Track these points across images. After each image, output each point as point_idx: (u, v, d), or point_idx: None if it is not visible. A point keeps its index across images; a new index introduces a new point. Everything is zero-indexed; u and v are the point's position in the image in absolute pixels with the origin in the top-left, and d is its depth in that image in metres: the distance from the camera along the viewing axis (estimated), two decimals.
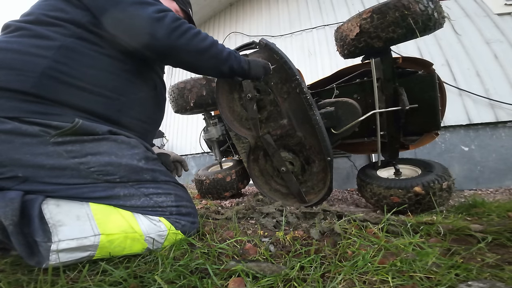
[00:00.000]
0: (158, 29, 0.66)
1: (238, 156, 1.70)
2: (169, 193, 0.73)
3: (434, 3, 0.96)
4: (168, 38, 0.68)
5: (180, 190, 0.78)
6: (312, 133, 1.16)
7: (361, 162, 2.15)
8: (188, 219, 0.74)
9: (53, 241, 0.54)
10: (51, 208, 0.57)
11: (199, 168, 2.10)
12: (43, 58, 0.60)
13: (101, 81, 0.68)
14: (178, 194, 0.75)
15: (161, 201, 0.70)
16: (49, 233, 0.54)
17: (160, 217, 0.69)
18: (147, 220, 0.67)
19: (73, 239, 0.56)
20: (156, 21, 0.66)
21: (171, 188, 0.75)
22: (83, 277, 0.53)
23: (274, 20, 3.26)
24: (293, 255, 0.64)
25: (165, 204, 0.71)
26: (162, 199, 0.71)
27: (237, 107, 1.42)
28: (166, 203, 0.71)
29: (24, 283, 0.53)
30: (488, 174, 1.78)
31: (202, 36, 0.76)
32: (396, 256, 0.57)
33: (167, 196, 0.72)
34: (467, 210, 1.04)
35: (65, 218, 0.57)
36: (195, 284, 0.51)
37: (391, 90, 1.17)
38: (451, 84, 1.93)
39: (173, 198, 0.73)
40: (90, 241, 0.58)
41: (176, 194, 0.74)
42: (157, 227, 0.67)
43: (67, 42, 0.64)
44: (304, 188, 1.27)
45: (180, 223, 0.71)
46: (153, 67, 0.85)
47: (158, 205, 0.69)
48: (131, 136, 0.73)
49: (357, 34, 1.06)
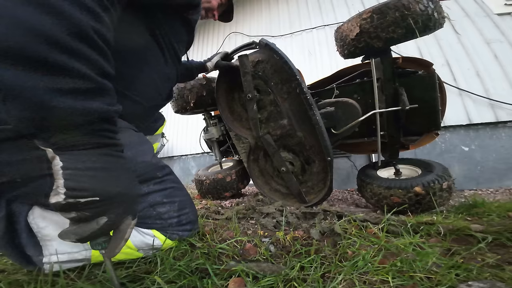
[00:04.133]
0: None
1: (238, 156, 1.70)
2: (173, 202, 0.68)
3: (434, 3, 0.96)
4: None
5: (184, 195, 0.74)
6: (312, 133, 1.16)
7: (361, 162, 2.15)
8: (187, 228, 0.71)
9: (44, 255, 0.53)
10: (37, 221, 0.54)
11: (199, 168, 2.10)
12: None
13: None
14: (182, 201, 0.71)
15: (164, 212, 0.66)
16: (40, 247, 0.53)
17: (155, 230, 0.65)
18: (139, 235, 0.63)
19: (64, 254, 0.54)
20: None
21: (177, 195, 0.70)
22: (84, 277, 0.53)
23: (274, 20, 3.26)
24: (293, 255, 0.64)
25: (166, 216, 0.66)
26: (165, 210, 0.67)
27: (237, 107, 1.42)
28: (169, 214, 0.67)
29: (24, 283, 0.53)
30: (488, 174, 1.78)
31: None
32: (396, 256, 0.57)
33: (171, 205, 0.68)
34: (467, 210, 1.04)
35: (53, 232, 0.54)
36: (195, 284, 0.51)
37: (391, 90, 1.17)
38: (451, 84, 1.93)
39: (176, 207, 0.69)
40: (81, 255, 0.56)
41: (180, 201, 0.70)
42: (150, 242, 0.63)
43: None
44: (304, 188, 1.27)
45: (177, 234, 0.68)
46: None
47: (159, 217, 0.65)
48: (134, 128, 0.68)
49: (357, 34, 1.06)
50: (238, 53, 1.30)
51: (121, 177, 0.43)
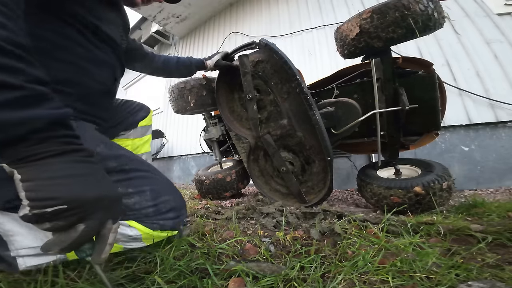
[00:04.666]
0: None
1: (238, 156, 1.70)
2: (142, 191, 0.62)
3: (434, 3, 0.96)
4: None
5: (157, 182, 0.67)
6: (312, 133, 1.16)
7: (361, 162, 2.15)
8: (169, 216, 0.65)
9: (10, 249, 0.51)
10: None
11: (199, 168, 2.10)
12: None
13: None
14: (155, 189, 0.64)
15: (133, 203, 0.60)
16: (4, 242, 0.51)
17: (132, 221, 0.60)
18: None
19: (31, 248, 0.52)
20: None
21: (145, 183, 0.64)
22: (83, 277, 0.53)
23: (274, 20, 3.26)
24: (293, 255, 0.64)
25: (138, 206, 0.61)
26: (134, 200, 0.61)
27: (237, 107, 1.42)
28: (140, 204, 0.61)
29: (24, 284, 0.53)
30: (488, 174, 1.78)
31: None
32: (396, 256, 0.57)
33: (140, 195, 0.62)
34: (467, 210, 1.04)
35: (14, 227, 0.51)
36: (195, 284, 0.51)
37: (391, 90, 1.17)
38: (451, 84, 1.93)
39: (149, 196, 0.63)
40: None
41: (152, 190, 0.63)
42: (126, 232, 0.59)
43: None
44: (304, 188, 1.27)
45: (158, 224, 0.63)
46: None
47: (129, 209, 0.60)
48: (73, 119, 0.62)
49: (357, 34, 1.06)
50: (238, 53, 1.30)
51: (90, 183, 0.41)
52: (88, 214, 0.40)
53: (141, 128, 1.13)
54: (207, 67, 1.33)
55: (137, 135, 1.13)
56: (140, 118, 1.11)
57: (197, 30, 4.27)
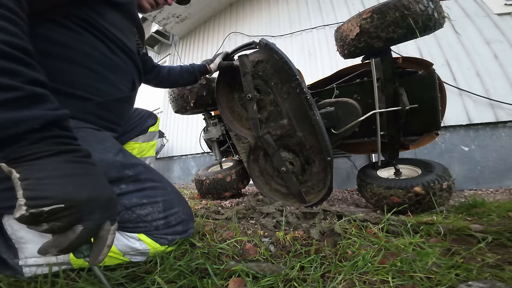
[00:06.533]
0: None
1: (238, 156, 1.70)
2: (155, 202, 0.63)
3: (434, 3, 0.96)
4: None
5: (170, 193, 0.68)
6: (312, 133, 1.16)
7: (361, 162, 2.15)
8: (177, 230, 0.65)
9: (20, 257, 0.52)
10: (11, 223, 0.52)
11: (199, 168, 2.10)
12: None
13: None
14: (167, 200, 0.65)
15: (146, 214, 0.61)
16: (15, 250, 0.52)
17: (140, 234, 0.60)
18: (123, 239, 0.59)
19: (40, 257, 0.52)
20: None
21: (159, 194, 0.64)
22: (83, 277, 0.53)
23: (274, 20, 3.26)
24: (293, 255, 0.64)
25: (150, 218, 0.61)
26: (147, 211, 0.61)
27: (237, 107, 1.42)
28: (152, 215, 0.61)
29: (24, 284, 0.53)
30: (488, 174, 1.78)
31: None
32: (396, 256, 0.57)
33: (153, 206, 0.62)
34: (467, 210, 1.04)
35: (27, 235, 0.52)
36: (195, 284, 0.51)
37: (391, 90, 1.17)
38: (451, 84, 1.93)
39: (161, 208, 0.63)
40: (59, 259, 0.54)
41: (164, 201, 0.64)
42: (136, 246, 0.60)
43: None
44: (304, 188, 1.27)
45: (167, 239, 0.63)
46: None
47: (141, 220, 0.60)
48: (94, 127, 0.64)
49: (357, 34, 1.06)
50: (238, 53, 1.30)
51: (87, 183, 0.41)
52: (85, 215, 0.40)
53: (149, 133, 1.18)
54: (211, 71, 1.32)
55: (145, 139, 1.17)
56: (150, 124, 1.16)
57: (197, 30, 4.27)
